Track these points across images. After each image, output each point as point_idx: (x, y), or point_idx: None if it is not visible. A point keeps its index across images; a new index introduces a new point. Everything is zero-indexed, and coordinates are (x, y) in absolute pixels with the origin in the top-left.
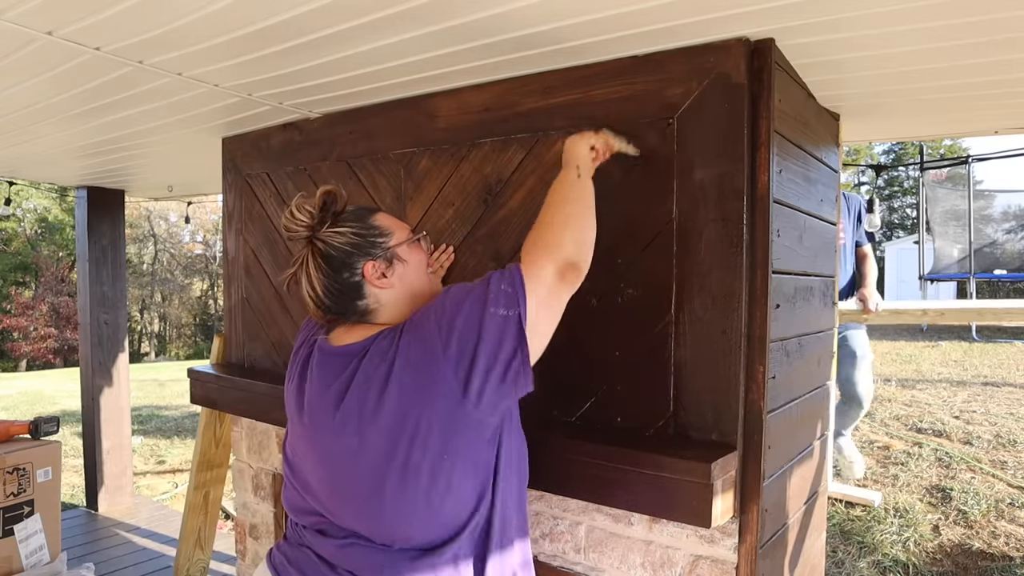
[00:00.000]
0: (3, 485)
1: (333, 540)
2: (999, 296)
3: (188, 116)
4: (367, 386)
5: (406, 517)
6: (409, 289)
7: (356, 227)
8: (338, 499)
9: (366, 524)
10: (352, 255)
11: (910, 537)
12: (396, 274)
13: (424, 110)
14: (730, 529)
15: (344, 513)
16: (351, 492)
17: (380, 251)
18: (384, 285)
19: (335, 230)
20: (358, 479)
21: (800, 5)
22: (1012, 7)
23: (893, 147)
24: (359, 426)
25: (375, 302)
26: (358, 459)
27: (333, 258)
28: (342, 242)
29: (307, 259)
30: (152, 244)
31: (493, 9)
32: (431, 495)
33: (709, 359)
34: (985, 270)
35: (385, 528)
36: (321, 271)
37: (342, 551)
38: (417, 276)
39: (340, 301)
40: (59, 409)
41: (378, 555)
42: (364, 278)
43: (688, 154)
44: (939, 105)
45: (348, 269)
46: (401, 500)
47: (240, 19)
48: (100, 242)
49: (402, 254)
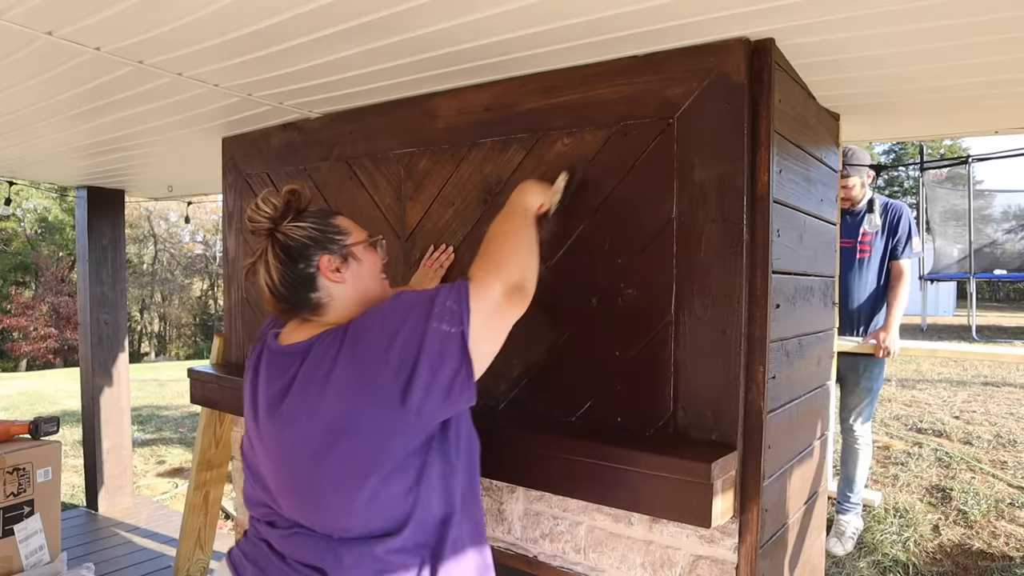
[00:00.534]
0: (3, 485)
1: (280, 531)
2: (999, 296)
3: (188, 116)
4: (309, 383)
5: (343, 510)
6: (361, 288)
7: (316, 223)
8: (282, 491)
9: (307, 515)
10: (309, 247)
11: (910, 537)
12: (350, 271)
13: (424, 110)
14: (730, 529)
15: (288, 505)
16: (293, 485)
17: (337, 247)
18: (337, 279)
19: (296, 224)
20: (299, 473)
21: (800, 5)
22: (1012, 7)
23: (893, 147)
24: (301, 422)
25: (327, 296)
26: (299, 453)
27: (291, 248)
28: (301, 235)
29: (267, 250)
30: (152, 244)
31: (494, 9)
32: (366, 491)
33: (709, 359)
34: (985, 270)
35: (324, 520)
36: (279, 260)
37: (287, 540)
38: (370, 277)
39: (294, 292)
40: (59, 409)
41: (320, 544)
42: (319, 270)
43: (688, 154)
44: (939, 105)
45: (304, 260)
46: (338, 494)
47: (240, 19)
48: (100, 242)
49: (358, 253)
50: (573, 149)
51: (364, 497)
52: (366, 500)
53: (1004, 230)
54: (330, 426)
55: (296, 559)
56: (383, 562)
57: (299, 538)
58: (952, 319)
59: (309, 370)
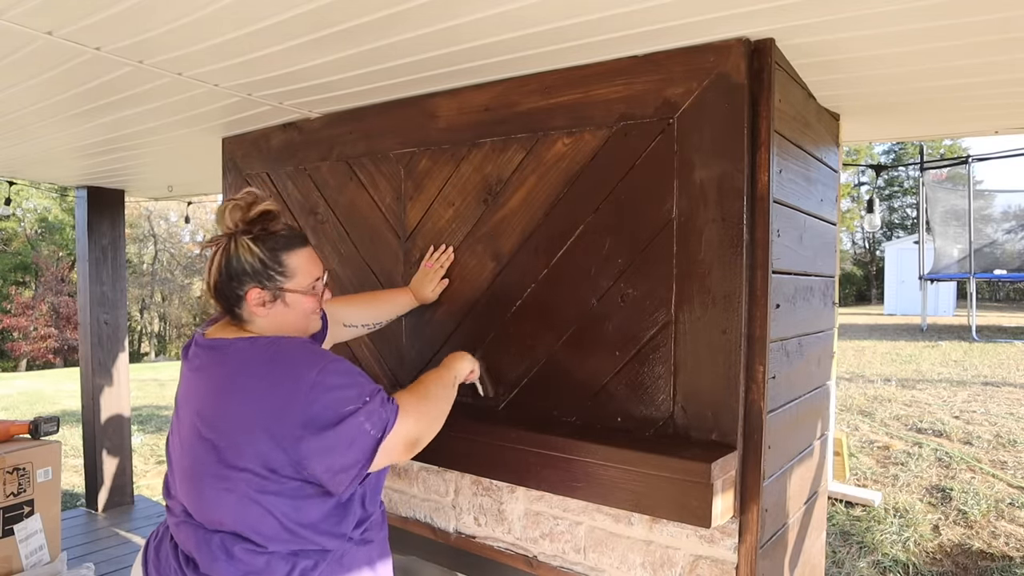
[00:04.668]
0: (3, 485)
1: (174, 518)
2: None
3: (188, 116)
4: (224, 380)
5: (218, 508)
6: (278, 325)
7: (265, 256)
8: (179, 477)
9: (192, 503)
10: (246, 275)
11: (910, 537)
12: (275, 310)
13: (424, 110)
14: (730, 529)
15: (182, 492)
16: (189, 472)
17: (272, 286)
18: (259, 313)
19: (249, 245)
20: (189, 462)
21: (800, 5)
22: (1012, 7)
23: (893, 147)
24: (206, 418)
25: (248, 316)
26: (194, 446)
27: (233, 267)
28: (247, 260)
29: (219, 249)
30: (152, 244)
31: (494, 9)
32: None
33: (709, 359)
34: (985, 270)
35: (203, 510)
36: (220, 269)
37: (177, 528)
38: (294, 320)
39: (223, 301)
40: (59, 409)
41: (199, 533)
42: (246, 298)
43: (688, 154)
44: (939, 105)
45: (237, 282)
46: (214, 493)
47: (240, 19)
48: (100, 242)
49: (289, 299)
50: (573, 149)
51: (238, 502)
52: (240, 505)
53: (1004, 230)
54: (228, 433)
55: (182, 549)
56: (247, 563)
57: (185, 527)
58: (952, 319)
59: (227, 368)
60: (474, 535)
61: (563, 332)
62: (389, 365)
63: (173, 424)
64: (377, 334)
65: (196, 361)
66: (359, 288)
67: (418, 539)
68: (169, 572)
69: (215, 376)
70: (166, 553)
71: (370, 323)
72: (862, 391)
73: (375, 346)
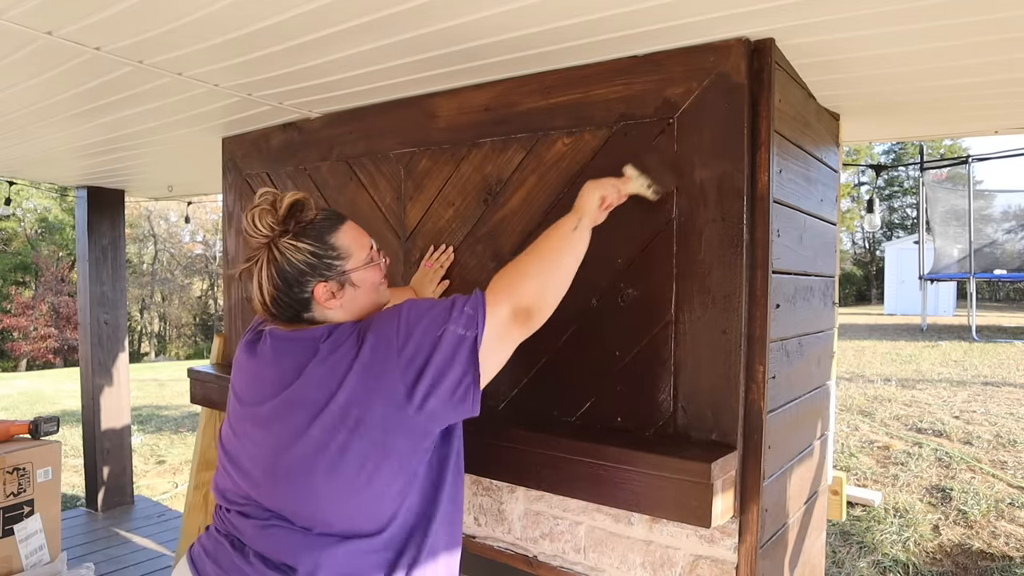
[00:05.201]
0: (3, 485)
1: (255, 521)
2: (999, 296)
3: (188, 116)
4: (322, 372)
5: (330, 502)
6: (356, 310)
7: (314, 246)
8: (271, 477)
9: (292, 504)
10: (305, 274)
11: (910, 537)
12: (346, 297)
13: (424, 110)
14: (730, 529)
15: (274, 492)
16: (285, 470)
17: (334, 273)
18: (332, 306)
19: (294, 244)
20: (293, 459)
21: (800, 5)
22: (1012, 7)
23: (893, 147)
24: (307, 406)
25: (320, 316)
26: (299, 438)
27: (287, 273)
28: (298, 259)
29: (262, 264)
30: (152, 244)
31: (493, 9)
32: (356, 485)
33: (709, 359)
34: (985, 270)
35: (309, 510)
36: (272, 282)
37: (262, 532)
38: (367, 298)
39: (285, 311)
40: (59, 409)
41: (296, 537)
42: (314, 297)
43: (688, 154)
44: (939, 105)
45: (299, 286)
46: (328, 485)
47: (240, 19)
48: (100, 242)
49: (355, 279)
50: (573, 149)
51: (354, 488)
52: (356, 492)
53: (1004, 230)
54: (335, 417)
55: (265, 554)
56: (356, 562)
57: (276, 530)
58: (952, 319)
59: (323, 358)
60: (474, 535)
61: (563, 332)
62: None
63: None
64: None
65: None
66: None
67: None
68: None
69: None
70: (229, 560)
71: None
72: (862, 391)
73: None
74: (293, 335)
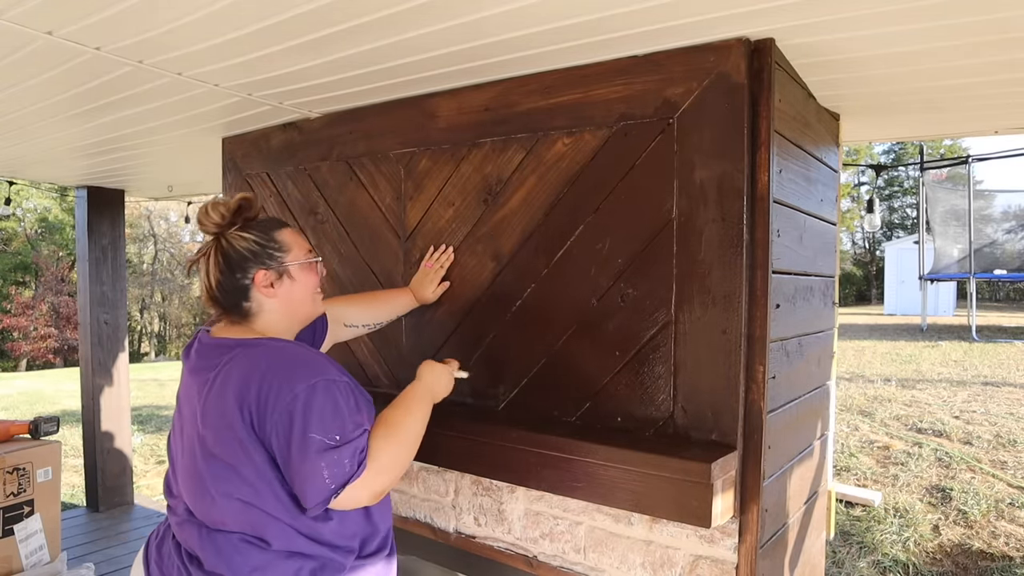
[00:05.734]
0: (3, 485)
1: (176, 517)
2: (999, 296)
3: (188, 116)
4: (228, 378)
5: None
6: (290, 305)
7: (258, 236)
8: (184, 476)
9: (195, 502)
10: (248, 260)
11: (910, 537)
12: (283, 288)
13: (424, 110)
14: (730, 529)
15: (186, 491)
16: (192, 471)
17: (274, 263)
18: (269, 295)
19: (240, 234)
20: (198, 460)
21: (800, 5)
22: (1012, 7)
23: (893, 147)
24: (211, 411)
25: (258, 306)
26: (202, 441)
27: (231, 258)
28: (243, 246)
29: (210, 252)
30: (152, 244)
31: (493, 9)
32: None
33: (709, 359)
34: (985, 270)
35: (204, 509)
36: (218, 267)
37: (180, 527)
38: (301, 296)
39: (228, 297)
40: (59, 409)
41: (202, 531)
42: (253, 283)
43: (688, 154)
44: (939, 105)
45: (241, 271)
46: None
47: (240, 19)
48: (100, 242)
49: (293, 272)
50: (573, 149)
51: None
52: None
53: (1004, 230)
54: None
55: (183, 545)
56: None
57: (187, 526)
58: (952, 319)
59: (231, 365)
60: (474, 535)
61: (563, 332)
62: (389, 365)
63: (175, 423)
64: (377, 334)
65: (198, 361)
66: (359, 288)
67: (418, 539)
68: (172, 570)
69: (216, 376)
70: (168, 551)
71: (370, 323)
72: (862, 391)
73: (375, 346)
74: (216, 341)
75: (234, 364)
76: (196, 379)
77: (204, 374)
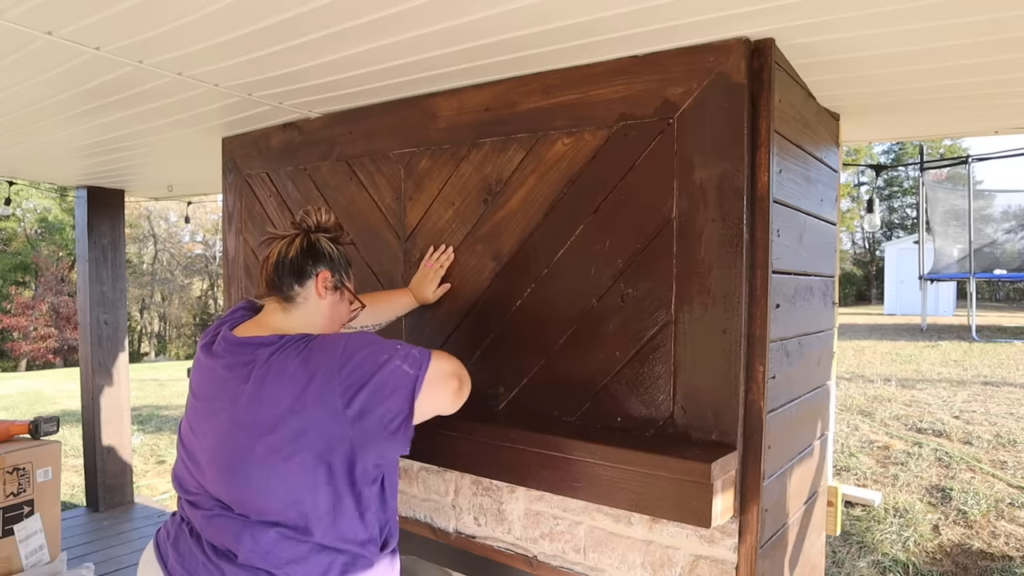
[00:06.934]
0: (3, 485)
1: (202, 511)
2: (999, 296)
3: (188, 116)
4: (269, 373)
5: (265, 494)
6: (327, 313)
7: (339, 252)
8: (215, 467)
9: (231, 494)
10: (323, 258)
11: (910, 537)
12: (332, 298)
13: (424, 110)
14: (730, 529)
15: (218, 481)
16: (229, 461)
17: (340, 276)
18: (321, 294)
19: (329, 239)
20: (238, 449)
21: (800, 5)
22: (1012, 7)
23: (893, 147)
24: (254, 403)
25: (304, 298)
26: (243, 431)
27: (314, 248)
28: (326, 247)
29: (295, 237)
30: (152, 244)
31: (494, 9)
32: (288, 478)
33: (709, 359)
34: (985, 270)
35: (246, 501)
36: (299, 249)
37: (208, 521)
38: (338, 314)
39: (286, 278)
40: (59, 409)
41: (237, 524)
42: (316, 276)
43: (688, 154)
44: (939, 105)
45: (313, 261)
46: (262, 475)
47: (240, 19)
48: (100, 242)
49: (345, 294)
50: (573, 149)
51: (284, 485)
52: (284, 486)
53: (1004, 230)
54: (278, 412)
55: (210, 541)
56: (289, 551)
57: (219, 519)
58: (952, 319)
59: (273, 361)
60: (474, 535)
61: (563, 332)
62: None
63: (193, 418)
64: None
65: (229, 358)
66: (359, 289)
67: (418, 539)
68: (198, 567)
69: (255, 371)
70: (188, 548)
71: (370, 324)
72: (862, 391)
73: None
74: (244, 340)
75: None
76: (234, 373)
77: (243, 369)
